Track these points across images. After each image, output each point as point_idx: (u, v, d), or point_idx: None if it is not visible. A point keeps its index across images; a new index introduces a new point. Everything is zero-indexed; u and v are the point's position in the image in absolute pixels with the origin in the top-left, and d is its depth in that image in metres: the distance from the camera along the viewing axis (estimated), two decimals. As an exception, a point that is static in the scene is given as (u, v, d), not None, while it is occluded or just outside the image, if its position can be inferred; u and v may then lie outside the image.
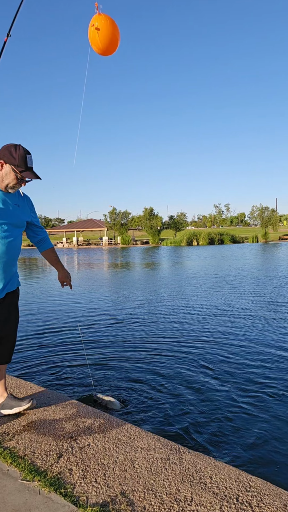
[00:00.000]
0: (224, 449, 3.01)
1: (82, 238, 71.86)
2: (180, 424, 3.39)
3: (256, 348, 5.60)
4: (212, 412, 3.61)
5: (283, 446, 3.03)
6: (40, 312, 8.71)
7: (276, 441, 3.10)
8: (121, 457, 2.30)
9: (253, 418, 3.48)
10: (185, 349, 5.63)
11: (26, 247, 62.69)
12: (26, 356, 5.44)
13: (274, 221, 67.98)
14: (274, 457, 2.89)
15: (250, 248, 39.97)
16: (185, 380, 4.39)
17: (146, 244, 64.50)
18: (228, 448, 3.01)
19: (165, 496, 1.94)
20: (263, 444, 3.07)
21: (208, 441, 3.11)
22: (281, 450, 2.98)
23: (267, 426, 3.33)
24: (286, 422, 3.40)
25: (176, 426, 3.35)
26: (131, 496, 1.94)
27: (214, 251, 36.73)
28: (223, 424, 3.38)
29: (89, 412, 2.93)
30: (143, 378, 4.46)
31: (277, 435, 3.19)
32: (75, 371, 4.76)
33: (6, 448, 2.40)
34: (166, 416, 3.53)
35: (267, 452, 2.96)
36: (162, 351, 5.57)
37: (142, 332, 6.73)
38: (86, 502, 1.89)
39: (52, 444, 2.45)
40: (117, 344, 5.97)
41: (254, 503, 1.89)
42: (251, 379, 4.38)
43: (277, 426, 3.34)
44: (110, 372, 4.68)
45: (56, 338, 6.40)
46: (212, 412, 3.60)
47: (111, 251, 44.73)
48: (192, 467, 2.20)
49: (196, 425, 3.37)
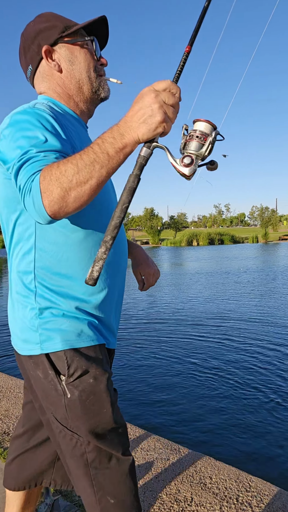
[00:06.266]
0: (224, 449, 3.01)
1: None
2: (180, 424, 3.39)
3: (256, 347, 5.60)
4: (212, 412, 3.61)
5: (283, 447, 3.03)
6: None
7: (276, 442, 3.10)
8: (121, 457, 2.30)
9: (254, 418, 3.49)
10: (186, 349, 5.63)
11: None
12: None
13: (274, 221, 68.04)
14: (274, 458, 2.90)
15: (252, 249, 39.97)
16: (185, 381, 4.39)
17: (146, 244, 64.50)
18: (228, 448, 3.02)
19: (165, 497, 1.94)
20: (263, 444, 3.07)
21: (208, 442, 3.11)
22: (281, 451, 2.98)
23: (267, 427, 3.33)
24: (287, 422, 3.40)
25: (176, 426, 3.35)
26: (131, 496, 1.94)
27: (214, 252, 36.72)
28: (223, 425, 3.38)
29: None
30: (144, 378, 4.47)
31: (278, 436, 3.19)
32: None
33: (6, 448, 2.39)
34: (166, 416, 3.54)
35: (267, 453, 2.96)
36: (162, 351, 5.57)
37: (142, 329, 6.74)
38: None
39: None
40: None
41: (254, 503, 1.89)
42: (252, 379, 4.38)
43: (278, 426, 3.34)
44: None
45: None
46: (212, 413, 3.60)
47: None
48: (192, 467, 2.20)
49: (196, 425, 3.37)
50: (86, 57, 1.17)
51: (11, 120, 0.99)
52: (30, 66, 1.19)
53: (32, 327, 1.07)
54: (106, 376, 1.09)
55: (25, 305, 1.09)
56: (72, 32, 1.15)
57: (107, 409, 1.07)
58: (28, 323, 1.08)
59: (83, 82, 1.17)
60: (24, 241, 1.08)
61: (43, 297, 1.07)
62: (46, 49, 1.14)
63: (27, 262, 1.08)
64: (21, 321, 1.10)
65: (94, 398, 1.06)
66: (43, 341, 1.06)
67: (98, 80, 1.19)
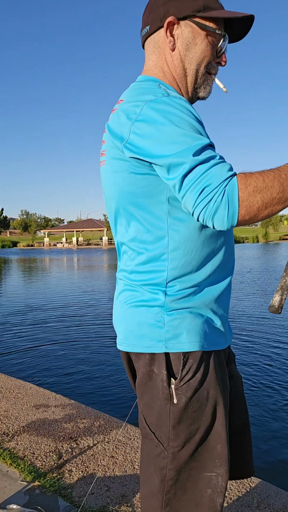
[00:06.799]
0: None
1: (82, 238, 71.89)
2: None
3: (258, 347, 5.59)
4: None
5: (284, 447, 3.02)
6: (40, 312, 8.71)
7: (276, 442, 3.10)
8: (121, 458, 2.29)
9: (254, 418, 3.48)
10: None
11: (26, 247, 62.80)
12: (25, 356, 5.43)
13: (274, 221, 68.05)
14: (274, 458, 2.89)
15: (253, 249, 39.98)
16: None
17: (146, 244, 64.30)
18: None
19: (165, 497, 1.93)
20: (263, 444, 3.06)
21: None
22: (281, 451, 2.97)
23: (268, 427, 3.32)
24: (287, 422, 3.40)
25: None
26: (131, 498, 1.93)
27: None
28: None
29: (89, 412, 2.92)
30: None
31: (278, 436, 3.18)
32: (76, 371, 4.75)
33: (5, 449, 2.39)
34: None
35: (267, 453, 2.95)
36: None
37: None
38: (86, 503, 1.89)
39: (51, 445, 2.45)
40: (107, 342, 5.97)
41: (254, 504, 1.88)
42: (253, 379, 4.37)
43: (278, 427, 3.33)
44: (109, 371, 4.68)
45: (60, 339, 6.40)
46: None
47: (113, 251, 44.74)
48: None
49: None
50: (205, 49, 1.03)
51: (151, 110, 0.89)
52: (148, 26, 1.06)
53: (157, 322, 0.99)
54: (216, 385, 0.99)
55: (149, 300, 1.02)
56: (208, 17, 1.00)
57: (207, 417, 0.97)
58: (152, 319, 1.00)
59: (189, 72, 1.05)
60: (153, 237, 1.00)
61: (174, 294, 1.00)
62: (170, 20, 1.00)
63: (157, 259, 1.00)
64: (140, 316, 1.02)
65: (196, 405, 0.97)
66: (168, 339, 0.98)
67: (204, 77, 1.07)
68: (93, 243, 69.77)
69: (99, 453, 2.35)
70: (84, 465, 2.23)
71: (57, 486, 2.02)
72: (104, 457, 2.31)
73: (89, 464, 2.24)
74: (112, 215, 1.09)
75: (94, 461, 2.26)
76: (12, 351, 5.73)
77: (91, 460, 2.28)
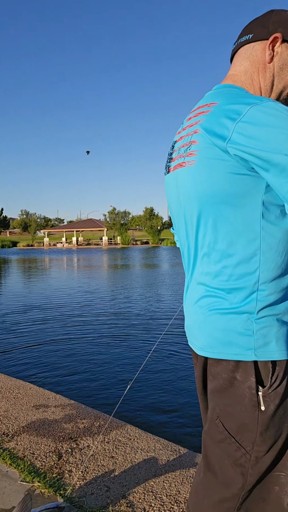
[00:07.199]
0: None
1: (82, 238, 71.92)
2: (181, 425, 3.38)
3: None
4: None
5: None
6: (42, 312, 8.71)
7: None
8: (121, 459, 2.29)
9: None
10: (188, 349, 5.62)
11: (25, 247, 62.78)
12: (25, 356, 5.43)
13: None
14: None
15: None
16: (185, 381, 4.38)
17: (146, 244, 64.53)
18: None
19: (165, 498, 1.93)
20: None
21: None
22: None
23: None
24: None
25: (176, 427, 3.34)
26: (131, 498, 1.93)
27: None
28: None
29: (89, 413, 2.92)
30: (143, 378, 4.46)
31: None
32: (75, 372, 4.75)
33: (5, 449, 2.39)
34: (166, 417, 3.53)
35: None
36: (163, 350, 5.56)
37: (143, 329, 6.73)
38: (85, 503, 1.89)
39: (51, 445, 2.44)
40: (104, 341, 5.96)
41: (254, 505, 1.88)
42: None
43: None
44: (109, 371, 4.68)
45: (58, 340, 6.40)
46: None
47: (113, 251, 44.75)
48: (192, 468, 2.19)
49: (197, 426, 3.36)
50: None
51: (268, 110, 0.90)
52: (251, 35, 1.12)
53: (246, 331, 0.98)
54: None
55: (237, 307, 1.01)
56: None
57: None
58: (241, 327, 0.99)
59: (274, 89, 1.11)
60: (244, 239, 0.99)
61: (263, 300, 0.99)
62: (277, 36, 1.07)
63: (247, 261, 0.99)
64: (227, 323, 1.01)
65: (281, 411, 0.97)
66: (258, 347, 0.97)
67: (284, 101, 1.13)
68: (93, 243, 69.80)
69: (99, 453, 2.35)
70: (84, 465, 2.22)
71: (57, 486, 2.02)
72: (104, 457, 2.31)
73: (89, 464, 2.23)
74: (193, 216, 1.06)
75: (94, 461, 2.26)
76: (12, 351, 5.73)
77: (91, 460, 2.28)
